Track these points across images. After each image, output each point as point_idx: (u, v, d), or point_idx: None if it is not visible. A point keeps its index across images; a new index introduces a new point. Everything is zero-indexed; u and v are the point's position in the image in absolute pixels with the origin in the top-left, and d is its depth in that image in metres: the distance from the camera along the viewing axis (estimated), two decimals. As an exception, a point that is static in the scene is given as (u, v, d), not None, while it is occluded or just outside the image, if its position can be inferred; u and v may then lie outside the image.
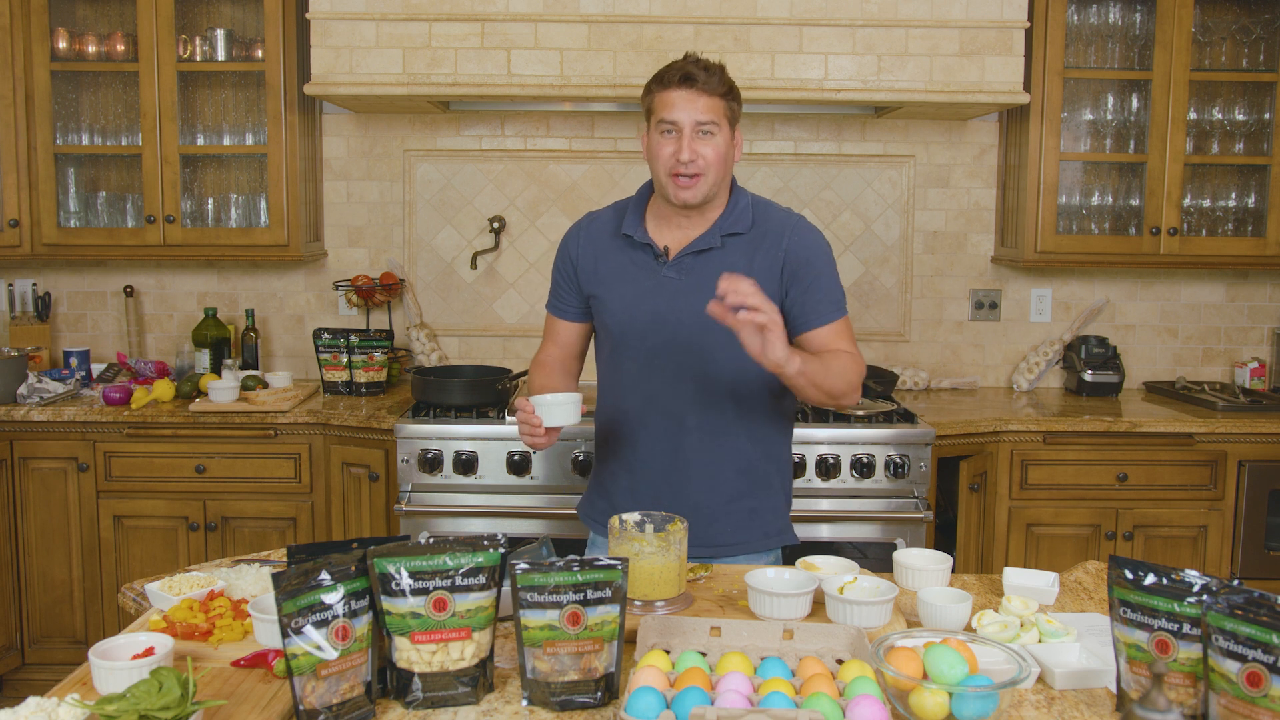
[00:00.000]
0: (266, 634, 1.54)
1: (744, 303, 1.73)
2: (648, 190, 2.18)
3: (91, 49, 3.57)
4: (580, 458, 3.11)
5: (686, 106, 1.99)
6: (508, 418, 3.16)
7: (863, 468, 3.12)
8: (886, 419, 3.22)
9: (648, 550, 1.70)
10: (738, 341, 1.99)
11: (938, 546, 3.31)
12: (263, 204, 3.65)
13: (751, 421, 2.13)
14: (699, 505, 2.09)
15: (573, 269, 2.19)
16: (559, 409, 1.97)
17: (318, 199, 3.85)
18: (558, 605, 1.40)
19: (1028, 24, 3.35)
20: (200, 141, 3.69)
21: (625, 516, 1.78)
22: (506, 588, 1.53)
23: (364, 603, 1.39)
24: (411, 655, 1.40)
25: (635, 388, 2.12)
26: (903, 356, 3.95)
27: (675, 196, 2.03)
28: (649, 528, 1.76)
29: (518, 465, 3.12)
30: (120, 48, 3.56)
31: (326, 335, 3.58)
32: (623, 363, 2.14)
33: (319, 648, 1.33)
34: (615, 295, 2.13)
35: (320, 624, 1.33)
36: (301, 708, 1.31)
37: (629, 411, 2.14)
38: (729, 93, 2.03)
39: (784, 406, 2.18)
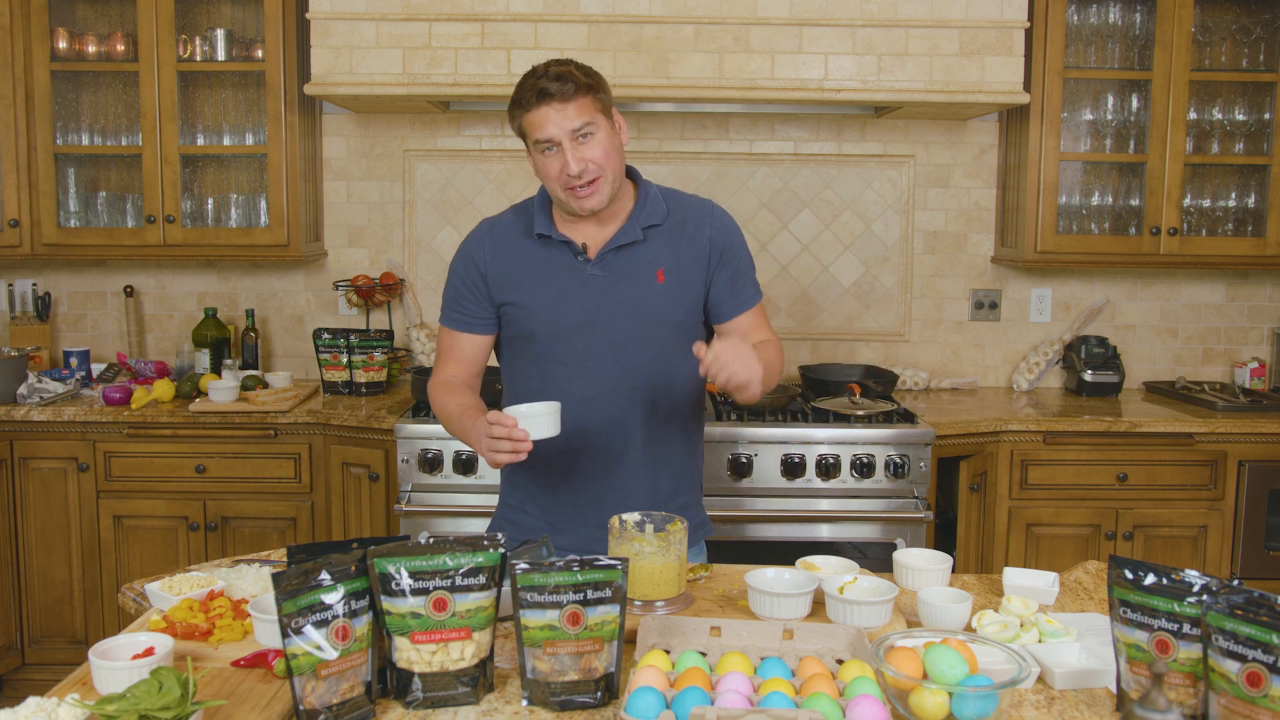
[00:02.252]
0: (266, 634, 1.54)
1: (726, 377, 1.80)
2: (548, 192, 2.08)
3: (91, 49, 3.57)
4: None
5: (555, 120, 1.91)
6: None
7: (863, 468, 3.12)
8: (886, 419, 3.22)
9: (648, 550, 1.70)
10: (666, 330, 2.04)
11: (938, 546, 3.31)
12: (263, 204, 3.66)
13: (683, 417, 2.11)
14: (638, 507, 2.04)
15: (480, 277, 2.07)
16: (545, 420, 1.84)
17: (318, 199, 3.85)
18: (558, 605, 1.40)
19: (1028, 24, 3.35)
20: (200, 141, 3.69)
21: (625, 516, 1.78)
22: (506, 588, 1.53)
23: (364, 603, 1.39)
24: (411, 655, 1.40)
25: (571, 395, 2.00)
26: (903, 356, 3.95)
27: (579, 208, 1.96)
28: (649, 528, 1.76)
29: (518, 465, 3.12)
30: (120, 48, 3.56)
31: (326, 335, 3.58)
32: (550, 369, 2.04)
33: (319, 648, 1.33)
34: (536, 298, 2.02)
35: (320, 624, 1.33)
36: (301, 708, 1.31)
37: (564, 420, 2.00)
38: (590, 87, 1.94)
39: (702, 400, 2.19)
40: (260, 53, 3.53)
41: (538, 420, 1.83)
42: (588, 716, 1.40)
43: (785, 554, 2.21)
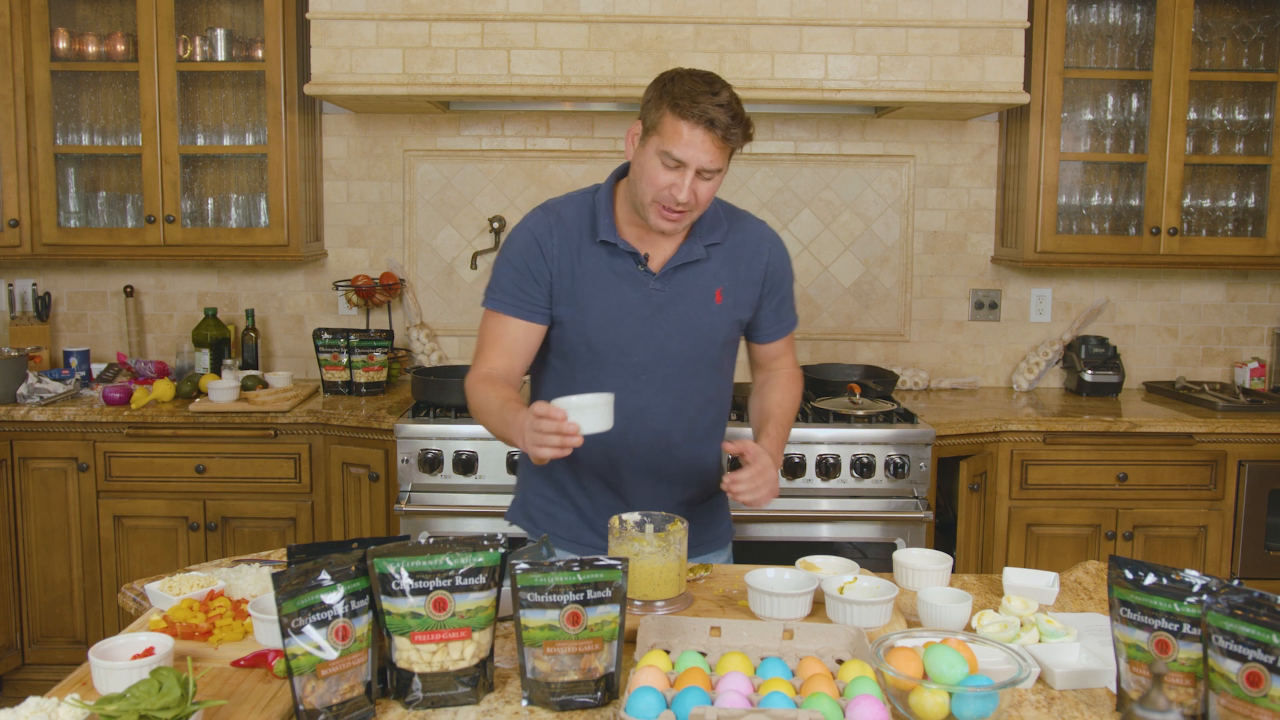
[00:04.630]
0: (266, 634, 1.54)
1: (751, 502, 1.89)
2: (613, 185, 2.04)
3: (91, 49, 3.57)
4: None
5: (701, 150, 1.84)
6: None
7: (863, 468, 3.12)
8: (886, 419, 3.22)
9: (648, 550, 1.70)
10: (715, 350, 2.06)
11: (938, 546, 3.31)
12: (263, 204, 3.66)
13: (719, 429, 2.14)
14: (677, 512, 2.05)
15: (546, 270, 1.98)
16: (597, 413, 1.72)
17: (318, 199, 3.85)
18: (558, 605, 1.40)
19: (1028, 24, 3.35)
20: (200, 141, 3.69)
21: (625, 516, 1.78)
22: (506, 588, 1.53)
23: (364, 603, 1.39)
24: (411, 655, 1.40)
25: (619, 405, 1.94)
26: (903, 356, 3.95)
27: (655, 225, 1.93)
28: (649, 528, 1.76)
29: (518, 465, 3.12)
30: (120, 48, 3.56)
31: (326, 335, 3.58)
32: (602, 378, 1.99)
33: (319, 648, 1.33)
34: (595, 307, 1.98)
35: (320, 624, 1.33)
36: (301, 708, 1.31)
37: (611, 429, 1.99)
38: (742, 141, 1.90)
39: (730, 409, 2.21)
40: (260, 53, 3.52)
41: (590, 413, 1.72)
42: (588, 716, 1.40)
43: (785, 554, 2.21)
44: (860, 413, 3.21)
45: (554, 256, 1.99)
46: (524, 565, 1.40)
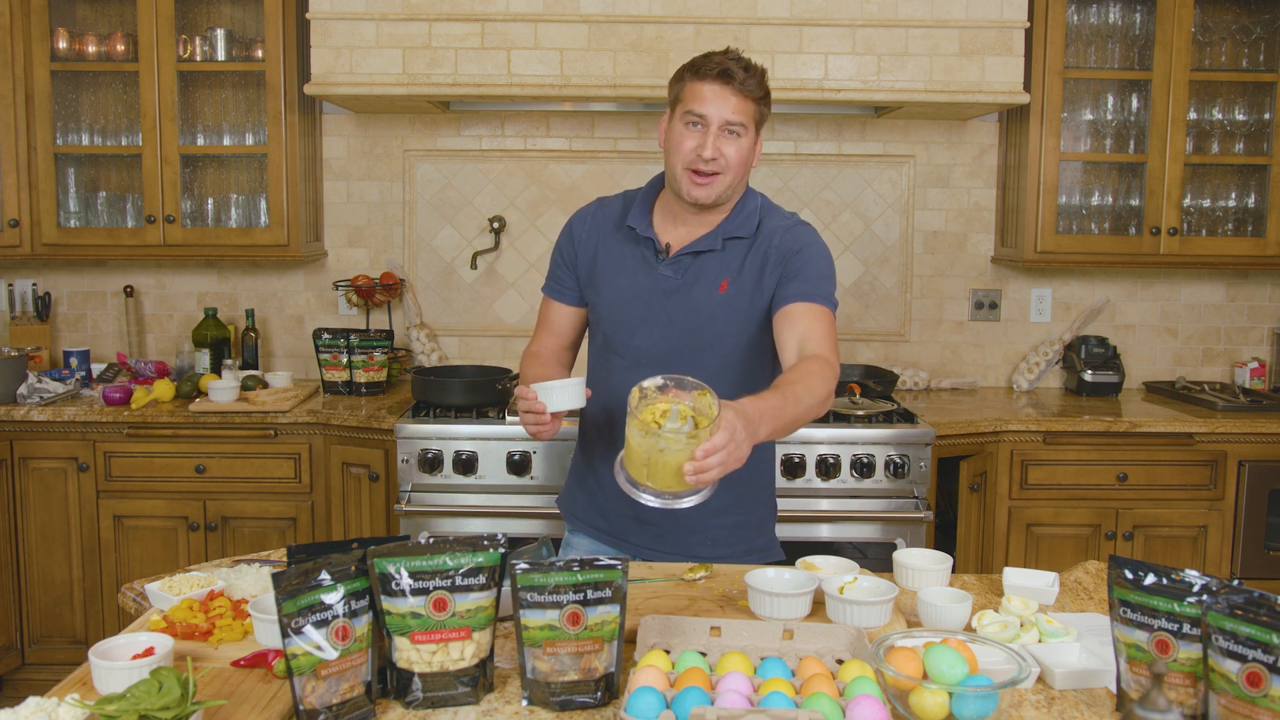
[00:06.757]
0: (266, 634, 1.54)
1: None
2: (658, 183, 2.11)
3: (91, 49, 3.57)
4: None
5: (718, 102, 1.92)
6: (508, 418, 3.17)
7: (863, 468, 3.12)
8: (886, 419, 3.22)
9: (674, 447, 1.53)
10: (725, 345, 2.02)
11: (938, 546, 3.31)
12: (263, 204, 3.66)
13: None
14: (680, 516, 2.03)
15: (573, 253, 2.13)
16: (562, 392, 1.91)
17: (318, 199, 3.85)
18: (558, 605, 1.40)
19: (1028, 24, 3.35)
20: (200, 141, 3.69)
21: (645, 384, 1.61)
22: (506, 588, 1.53)
23: (364, 603, 1.39)
24: (411, 655, 1.40)
25: (621, 387, 2.02)
26: (903, 356, 3.95)
27: (688, 194, 1.96)
28: (674, 400, 1.57)
29: (518, 465, 3.12)
30: (120, 48, 3.56)
31: (326, 335, 3.58)
32: (611, 359, 2.10)
33: (319, 648, 1.33)
34: (609, 289, 2.07)
35: (320, 624, 1.33)
36: (301, 708, 1.31)
37: (613, 411, 2.08)
38: (762, 98, 1.97)
39: None
40: (260, 53, 3.52)
41: (556, 393, 1.90)
42: (588, 716, 1.40)
43: (785, 554, 2.21)
44: (860, 413, 3.21)
45: (581, 240, 2.12)
46: (524, 565, 1.40)
